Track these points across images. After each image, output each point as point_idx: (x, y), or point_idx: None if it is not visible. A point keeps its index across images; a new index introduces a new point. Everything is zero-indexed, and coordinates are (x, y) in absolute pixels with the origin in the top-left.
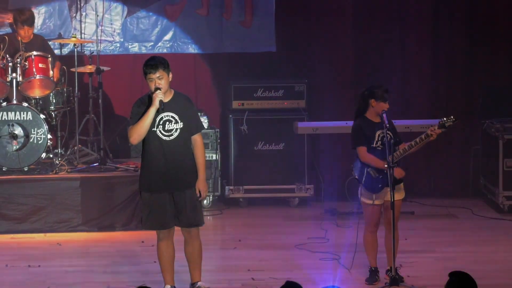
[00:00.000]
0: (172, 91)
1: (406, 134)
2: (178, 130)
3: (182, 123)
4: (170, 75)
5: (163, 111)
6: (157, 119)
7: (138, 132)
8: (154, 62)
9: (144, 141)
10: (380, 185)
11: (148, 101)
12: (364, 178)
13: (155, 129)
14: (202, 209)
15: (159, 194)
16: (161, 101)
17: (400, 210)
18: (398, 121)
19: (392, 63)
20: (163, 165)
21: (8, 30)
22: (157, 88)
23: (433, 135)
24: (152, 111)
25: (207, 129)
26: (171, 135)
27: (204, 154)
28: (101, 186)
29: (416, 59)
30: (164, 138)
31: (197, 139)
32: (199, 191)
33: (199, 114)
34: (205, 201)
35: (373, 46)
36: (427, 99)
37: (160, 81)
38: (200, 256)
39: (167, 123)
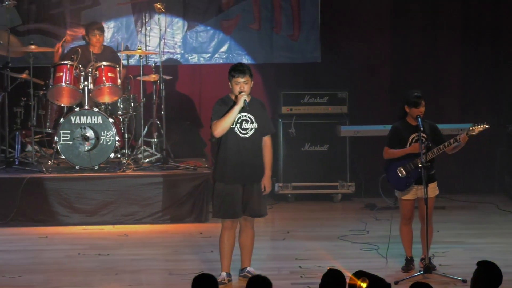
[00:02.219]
0: (250, 96)
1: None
2: (253, 130)
3: (257, 124)
4: (252, 82)
5: (243, 111)
6: (236, 118)
7: (222, 127)
8: (242, 68)
9: (221, 137)
10: (406, 184)
11: (228, 101)
12: (391, 177)
13: (233, 126)
14: (266, 202)
15: (232, 185)
16: (245, 101)
17: (433, 206)
18: None
19: (425, 71)
20: (237, 159)
21: (81, 42)
22: (240, 92)
23: (461, 142)
24: (236, 109)
25: None
26: (247, 133)
27: (272, 154)
28: (164, 183)
29: (447, 67)
30: (240, 135)
31: (267, 140)
32: (264, 187)
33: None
34: None
35: (409, 56)
36: (458, 105)
37: (245, 85)
38: (252, 244)
39: (244, 122)
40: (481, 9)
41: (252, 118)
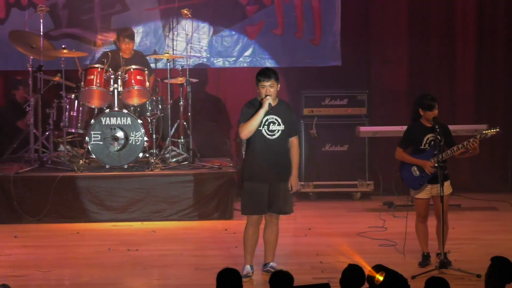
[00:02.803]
0: (277, 98)
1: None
2: (280, 131)
3: (283, 125)
4: (278, 86)
5: (270, 113)
6: (263, 120)
7: (248, 129)
8: (268, 73)
9: (249, 138)
10: (420, 183)
11: (256, 103)
12: (405, 176)
13: (261, 128)
14: (292, 201)
15: (259, 184)
16: (270, 104)
17: (448, 204)
18: None
19: (441, 74)
20: (265, 160)
21: (111, 47)
22: (266, 95)
23: (471, 147)
24: (262, 112)
25: None
26: (274, 135)
27: (299, 154)
28: (190, 181)
29: (462, 71)
30: (267, 136)
31: (293, 141)
32: (291, 185)
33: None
34: None
35: (425, 60)
36: (471, 107)
37: (271, 88)
38: (276, 240)
39: (271, 124)
40: (495, 15)
41: (279, 120)
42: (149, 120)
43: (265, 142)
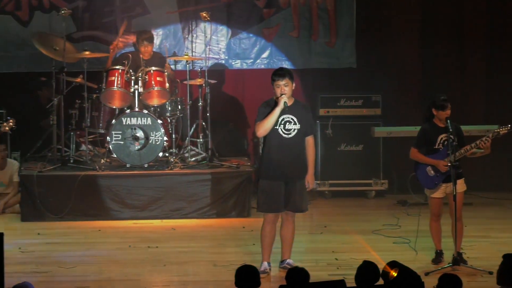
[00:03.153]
0: (293, 98)
1: (466, 138)
2: (296, 130)
3: (299, 125)
4: (293, 85)
5: (286, 113)
6: (280, 119)
7: (264, 127)
8: (282, 72)
9: (266, 137)
10: (435, 183)
11: (272, 103)
12: (420, 176)
13: (277, 127)
14: (307, 199)
15: (275, 182)
16: (285, 103)
17: (462, 201)
18: None
19: (453, 75)
20: (281, 158)
21: (131, 49)
22: (281, 94)
23: (483, 145)
24: (277, 110)
25: None
26: (290, 134)
27: (315, 153)
28: (209, 180)
29: (473, 72)
30: (284, 135)
31: (309, 140)
32: (308, 183)
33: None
34: None
35: (437, 61)
36: (483, 107)
37: (286, 88)
38: (292, 237)
39: (287, 123)
40: (505, 16)
41: (295, 119)
42: (169, 120)
43: (281, 141)
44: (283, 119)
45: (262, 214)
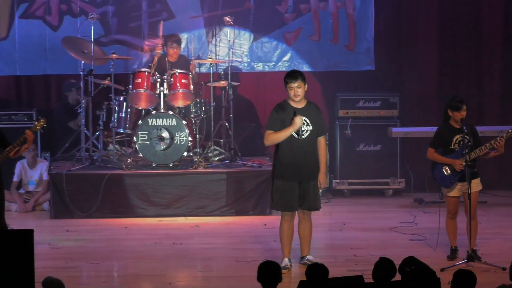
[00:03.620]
0: (306, 100)
1: (481, 139)
2: (309, 132)
3: (312, 126)
4: (306, 86)
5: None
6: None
7: (273, 141)
8: (295, 74)
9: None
10: (451, 181)
11: (285, 105)
12: (437, 175)
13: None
14: (320, 197)
15: (289, 182)
16: (299, 130)
17: (477, 200)
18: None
19: (469, 77)
20: (294, 159)
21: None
22: (297, 114)
23: (497, 145)
24: (290, 131)
25: None
26: (303, 135)
27: (327, 153)
28: (232, 179)
29: (489, 74)
30: (297, 137)
31: (321, 140)
32: (320, 183)
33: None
34: None
35: (454, 64)
36: (498, 109)
37: (299, 89)
38: (310, 234)
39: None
40: None
41: (308, 120)
42: (193, 121)
43: (294, 142)
44: None
45: (279, 212)
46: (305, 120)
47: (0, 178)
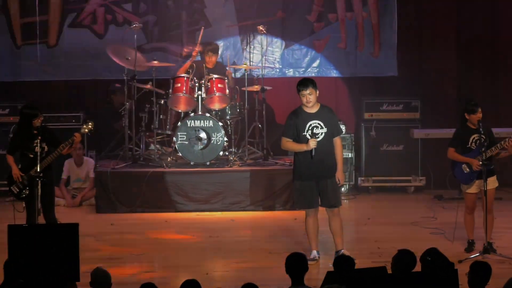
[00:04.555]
0: (319, 104)
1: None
2: (323, 134)
3: (326, 128)
4: (317, 92)
5: (313, 119)
6: (307, 126)
7: (287, 149)
8: (306, 82)
9: (297, 142)
10: (470, 178)
11: (300, 111)
12: (457, 173)
13: (305, 133)
14: (340, 194)
15: (307, 182)
16: (312, 150)
17: (493, 197)
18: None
19: (486, 80)
20: (310, 160)
21: (197, 59)
22: (314, 139)
23: (507, 145)
24: (304, 148)
25: (344, 134)
26: (318, 137)
27: (342, 151)
28: (264, 176)
29: (505, 79)
30: (311, 158)
31: (337, 140)
32: (338, 179)
33: (339, 122)
34: (342, 188)
35: (472, 68)
36: None
37: (310, 96)
38: (341, 229)
39: (315, 128)
40: None
41: (322, 124)
42: (229, 122)
43: None
44: (310, 125)
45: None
46: (318, 124)
47: (50, 175)
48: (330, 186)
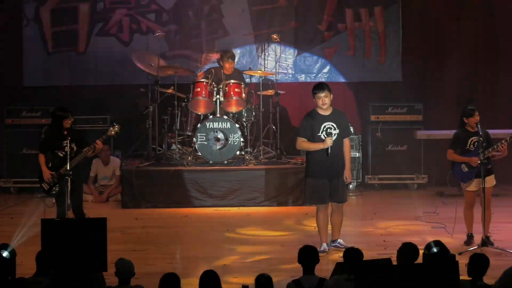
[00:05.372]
0: (332, 108)
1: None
2: (336, 135)
3: (338, 130)
4: (331, 96)
5: (327, 120)
6: (322, 127)
7: (303, 148)
8: (322, 85)
9: (311, 141)
10: (469, 177)
11: (314, 114)
12: (456, 172)
13: (319, 134)
14: (347, 191)
15: (321, 180)
16: (328, 148)
17: (491, 194)
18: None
19: (485, 86)
20: (324, 159)
21: (215, 65)
22: (330, 138)
23: (501, 149)
24: (320, 147)
25: (353, 135)
26: (331, 138)
27: (350, 151)
28: (278, 174)
29: (503, 85)
30: (327, 155)
31: (346, 141)
32: (346, 178)
33: (349, 124)
34: (350, 186)
35: (471, 75)
36: (510, 113)
37: (326, 99)
38: (341, 222)
39: (329, 129)
40: None
41: (335, 125)
42: (245, 124)
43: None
44: (325, 126)
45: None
46: (332, 125)
47: (78, 174)
48: (341, 184)
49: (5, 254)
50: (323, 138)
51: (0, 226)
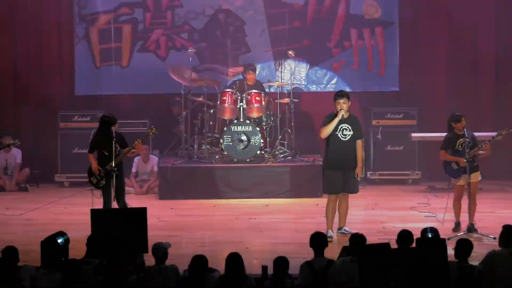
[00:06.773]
0: (348, 112)
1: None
2: (350, 135)
3: (352, 131)
4: (349, 102)
5: (343, 122)
6: (339, 127)
7: (326, 131)
8: (342, 93)
9: (329, 139)
10: (458, 174)
11: (333, 115)
12: (447, 169)
13: (337, 132)
14: (358, 184)
15: (336, 172)
16: (342, 116)
17: (476, 188)
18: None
19: (469, 94)
20: (340, 155)
21: (239, 77)
22: (341, 109)
23: (484, 148)
24: (336, 120)
25: None
26: (346, 137)
27: (362, 151)
28: (293, 170)
29: (485, 93)
30: (342, 138)
31: (359, 142)
32: (357, 174)
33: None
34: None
35: (459, 84)
36: (493, 117)
37: (344, 104)
38: (347, 210)
39: (344, 130)
40: (508, 51)
41: (350, 127)
42: (264, 128)
43: (340, 143)
44: (341, 127)
45: (327, 195)
46: (347, 127)
47: (122, 169)
48: (352, 177)
49: (60, 240)
50: (339, 136)
51: (56, 214)
